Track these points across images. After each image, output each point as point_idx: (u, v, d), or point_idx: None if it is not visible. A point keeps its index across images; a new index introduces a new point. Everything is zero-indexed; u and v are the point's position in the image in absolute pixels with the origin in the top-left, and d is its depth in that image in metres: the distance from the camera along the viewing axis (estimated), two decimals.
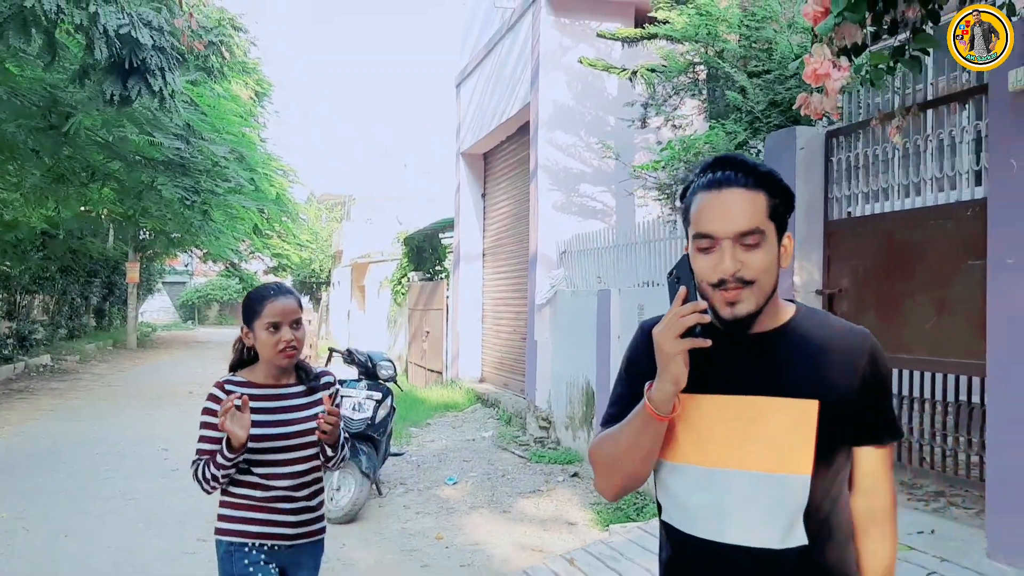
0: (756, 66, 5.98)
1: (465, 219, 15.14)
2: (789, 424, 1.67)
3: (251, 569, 2.93)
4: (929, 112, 4.71)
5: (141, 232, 25.56)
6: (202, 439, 2.96)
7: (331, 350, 8.13)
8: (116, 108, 8.37)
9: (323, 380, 3.11)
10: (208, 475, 2.88)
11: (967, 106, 4.47)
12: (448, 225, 16.96)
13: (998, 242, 3.87)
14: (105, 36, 7.18)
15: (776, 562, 1.67)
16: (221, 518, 3.01)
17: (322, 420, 2.89)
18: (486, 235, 14.84)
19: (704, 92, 6.83)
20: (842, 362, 1.70)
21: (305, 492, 3.01)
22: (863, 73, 4.37)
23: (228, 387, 2.98)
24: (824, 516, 1.70)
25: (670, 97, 6.88)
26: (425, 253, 19.14)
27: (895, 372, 4.97)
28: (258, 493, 2.94)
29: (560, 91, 10.61)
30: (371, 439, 7.28)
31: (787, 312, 1.78)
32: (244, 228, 15.88)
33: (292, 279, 44.62)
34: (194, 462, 2.96)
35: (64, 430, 11.29)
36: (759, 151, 5.77)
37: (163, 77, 7.61)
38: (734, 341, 1.70)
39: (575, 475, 8.41)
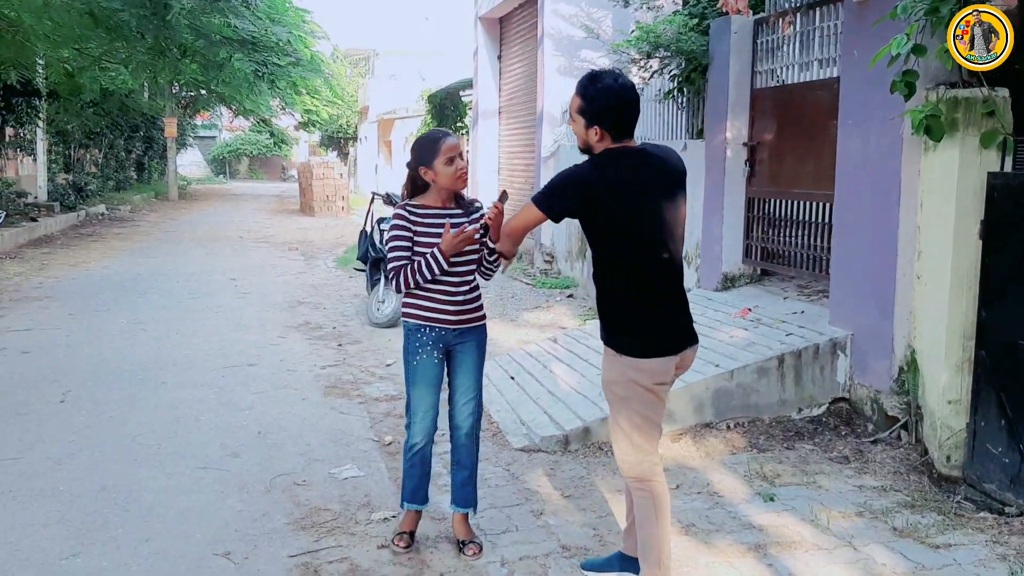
0: None
1: (483, 79, 16.25)
2: None
3: (420, 348, 3.67)
4: (818, 9, 6.23)
5: (183, 89, 26.97)
6: (393, 249, 3.61)
7: (373, 193, 9.92)
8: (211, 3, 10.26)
9: (475, 205, 3.81)
10: (414, 280, 3.55)
11: (838, 7, 5.99)
12: (468, 84, 17.98)
13: (844, 108, 5.51)
14: None
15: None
16: (406, 305, 3.72)
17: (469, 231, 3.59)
18: (502, 95, 15.96)
19: None
20: None
21: (464, 289, 3.67)
22: None
23: (409, 209, 3.66)
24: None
25: None
26: (447, 110, 20.23)
27: (794, 203, 6.65)
28: (434, 286, 3.62)
29: None
30: None
31: None
32: (283, 86, 17.54)
33: (320, 134, 45.71)
34: (392, 268, 3.60)
35: (142, 264, 13.19)
36: (706, 34, 7.29)
37: None
38: None
39: (571, 296, 10.35)
